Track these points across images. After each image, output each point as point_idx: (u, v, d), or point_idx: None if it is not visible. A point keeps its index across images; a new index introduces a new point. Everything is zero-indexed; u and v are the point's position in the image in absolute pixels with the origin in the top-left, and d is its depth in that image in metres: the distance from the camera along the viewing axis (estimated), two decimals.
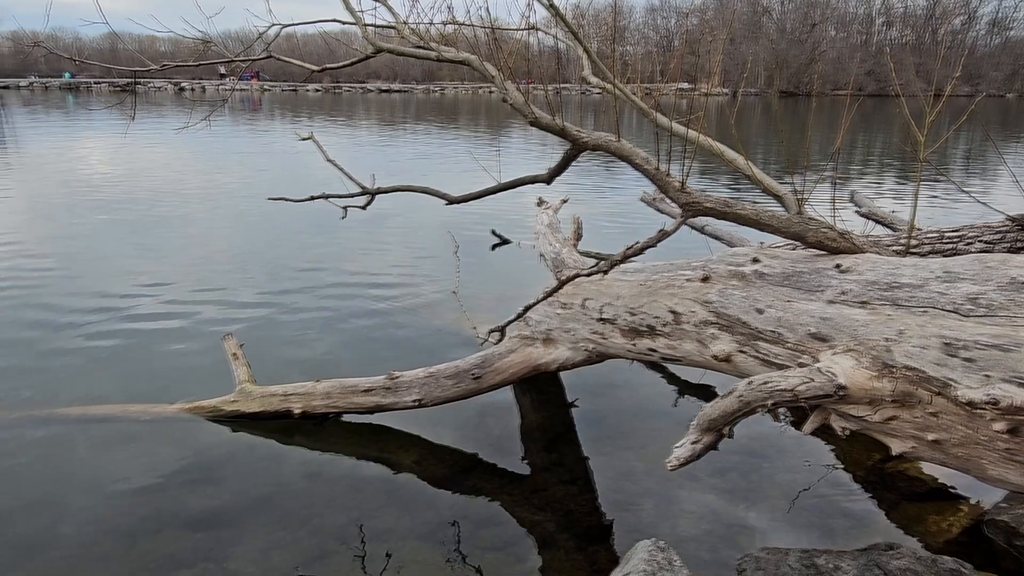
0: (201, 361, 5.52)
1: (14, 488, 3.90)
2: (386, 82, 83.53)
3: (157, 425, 4.51)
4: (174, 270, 8.06)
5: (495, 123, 36.72)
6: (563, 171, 3.19)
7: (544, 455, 4.40)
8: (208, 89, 62.08)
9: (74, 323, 6.30)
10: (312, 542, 3.50)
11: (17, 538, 3.48)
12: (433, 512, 3.76)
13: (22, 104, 49.10)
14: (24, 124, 33.06)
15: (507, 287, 7.46)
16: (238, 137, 24.73)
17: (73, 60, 3.91)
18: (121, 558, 3.35)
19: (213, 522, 3.63)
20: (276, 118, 36.91)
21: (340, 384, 4.37)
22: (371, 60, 3.42)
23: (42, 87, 69.76)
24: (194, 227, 10.71)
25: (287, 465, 4.16)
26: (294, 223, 10.31)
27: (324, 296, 7.17)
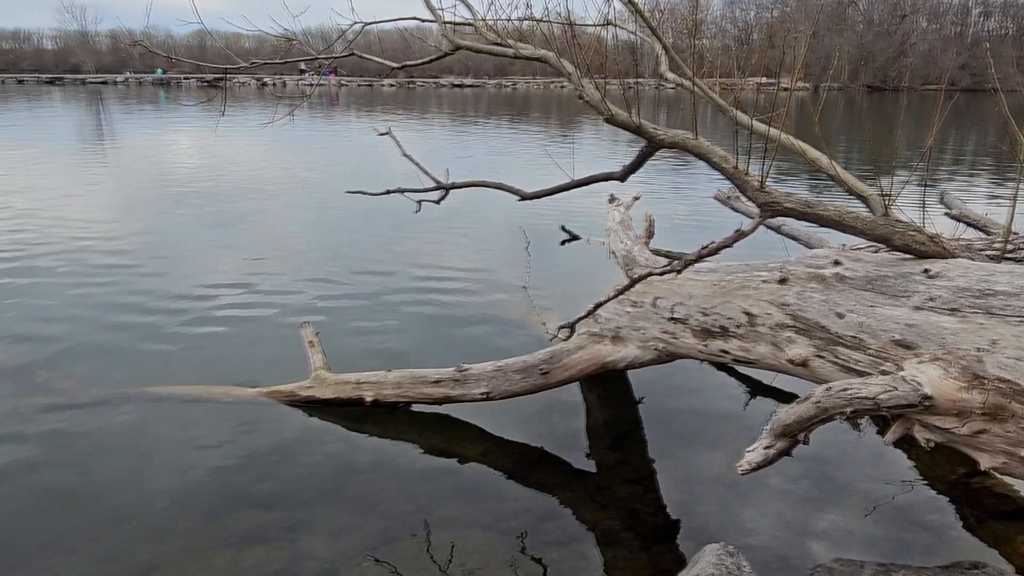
0: (279, 347, 5.74)
1: (105, 461, 4.16)
2: (459, 77, 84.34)
3: (238, 407, 4.72)
4: (255, 260, 8.39)
5: (566, 118, 36.59)
6: (638, 168, 3.16)
7: (609, 453, 4.39)
8: (289, 84, 64.09)
9: (161, 308, 6.65)
10: (380, 527, 3.60)
11: (105, 509, 3.70)
12: (498, 504, 3.80)
13: (118, 99, 52.00)
14: (119, 117, 35.02)
15: (575, 284, 7.45)
16: (317, 132, 25.49)
17: (169, 58, 4.14)
18: (201, 532, 3.53)
19: (287, 503, 3.78)
20: (352, 113, 37.85)
21: (411, 375, 4.47)
22: (446, 56, 3.48)
23: (136, 83, 73.66)
24: (274, 219, 11.12)
25: (358, 451, 4.29)
26: (370, 216, 10.55)
27: (396, 288, 7.33)
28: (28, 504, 3.73)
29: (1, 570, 3.24)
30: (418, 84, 79.47)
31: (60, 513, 3.67)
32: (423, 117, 35.70)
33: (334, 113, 37.31)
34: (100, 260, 8.26)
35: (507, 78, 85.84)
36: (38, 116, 34.88)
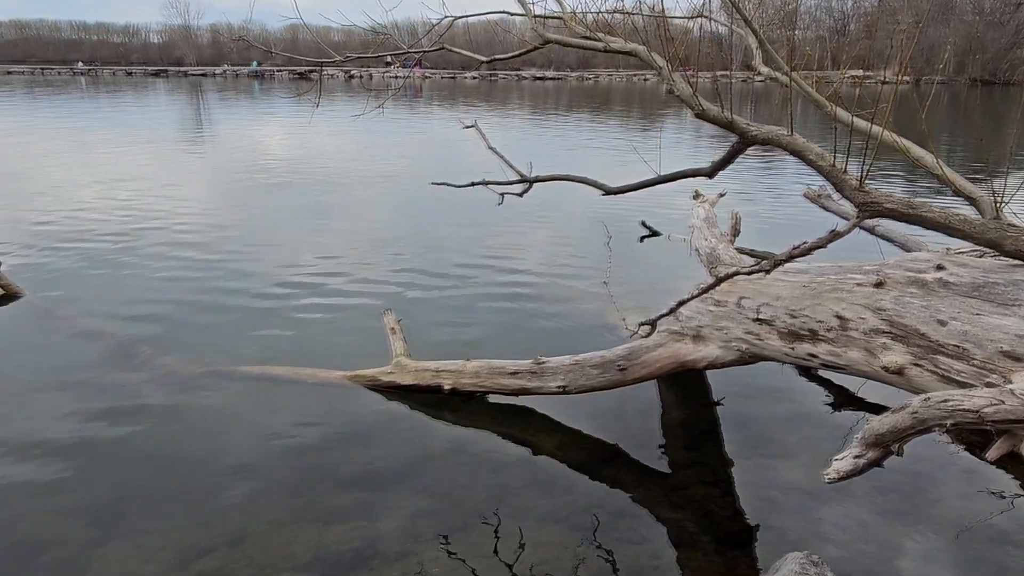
0: (362, 333, 5.92)
1: (200, 434, 4.41)
2: (541, 70, 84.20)
3: (323, 389, 4.90)
4: (341, 248, 8.67)
5: (648, 112, 36.01)
6: (727, 165, 3.09)
7: (685, 453, 4.32)
8: (375, 77, 65.64)
9: (253, 293, 6.97)
10: (454, 513, 3.67)
11: (200, 479, 3.92)
12: (571, 497, 3.81)
13: (216, 90, 54.57)
14: (217, 108, 36.79)
15: (655, 280, 7.35)
16: (402, 124, 26.01)
17: (269, 52, 4.32)
18: (287, 507, 3.69)
19: (366, 484, 3.91)
20: (435, 105, 38.42)
21: (488, 365, 4.53)
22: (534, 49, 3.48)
23: (233, 75, 77.06)
24: (360, 209, 11.46)
25: (435, 438, 4.38)
26: (453, 208, 10.71)
27: (476, 279, 7.43)
28: (132, 470, 4.00)
29: (109, 529, 3.49)
30: (500, 77, 79.83)
31: (159, 480, 3.91)
32: (504, 110, 35.88)
33: (418, 105, 37.98)
34: (197, 245, 8.73)
35: (589, 71, 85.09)
36: (144, 106, 37.07)
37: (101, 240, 8.84)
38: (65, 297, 6.70)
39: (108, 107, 35.94)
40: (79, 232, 9.25)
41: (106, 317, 6.20)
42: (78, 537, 3.43)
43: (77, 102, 39.15)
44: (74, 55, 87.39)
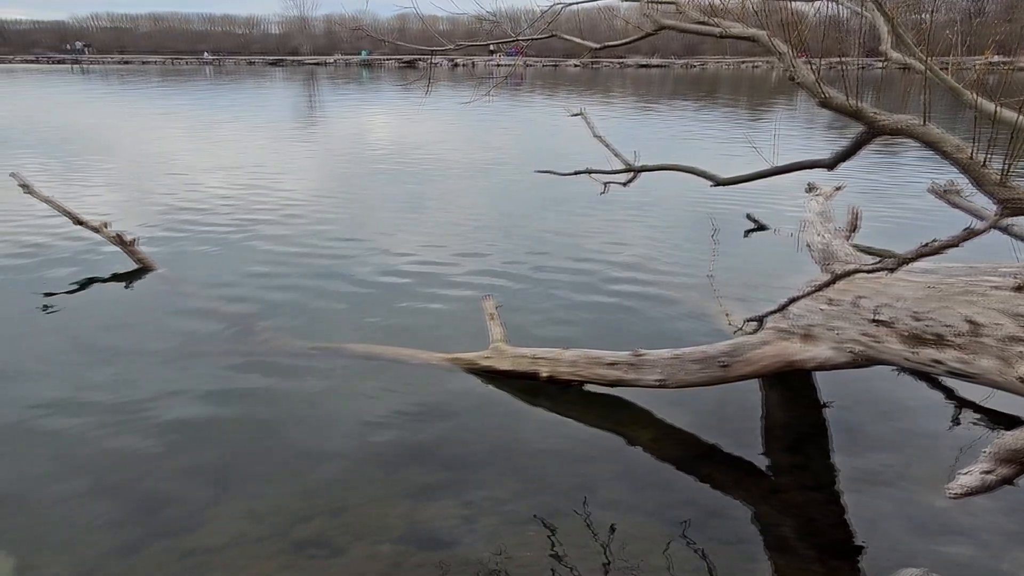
0: (461, 317, 6.03)
1: (306, 408, 4.62)
2: (645, 57, 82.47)
3: (423, 370, 5.04)
4: (443, 233, 8.86)
5: (756, 101, 34.62)
6: (851, 156, 2.92)
7: (787, 456, 4.16)
8: (478, 65, 66.44)
9: (357, 275, 7.24)
10: (544, 499, 3.69)
11: (304, 451, 4.11)
12: (664, 493, 3.75)
13: (328, 78, 56.83)
14: (328, 96, 38.31)
15: (759, 275, 7.08)
16: (504, 111, 26.18)
17: (383, 41, 4.44)
18: (383, 482, 3.82)
19: (460, 463, 3.99)
20: (537, 93, 38.43)
21: (586, 355, 4.51)
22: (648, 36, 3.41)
23: (344, 63, 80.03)
24: (463, 195, 11.65)
25: (529, 423, 4.41)
26: (555, 196, 10.71)
27: (576, 268, 7.40)
28: (243, 438, 4.26)
29: (221, 491, 3.73)
30: (603, 65, 78.85)
31: (267, 449, 4.14)
32: (607, 98, 35.43)
33: (520, 93, 38.10)
34: (306, 228, 9.15)
35: (696, 58, 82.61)
36: (262, 94, 39.11)
37: (221, 220, 9.43)
38: (189, 272, 7.20)
39: (230, 95, 38.17)
40: (202, 212, 9.91)
41: (225, 292, 6.61)
42: (195, 496, 3.69)
43: (202, 90, 41.81)
44: (201, 46, 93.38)
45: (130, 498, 3.66)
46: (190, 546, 3.31)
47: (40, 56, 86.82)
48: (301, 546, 3.32)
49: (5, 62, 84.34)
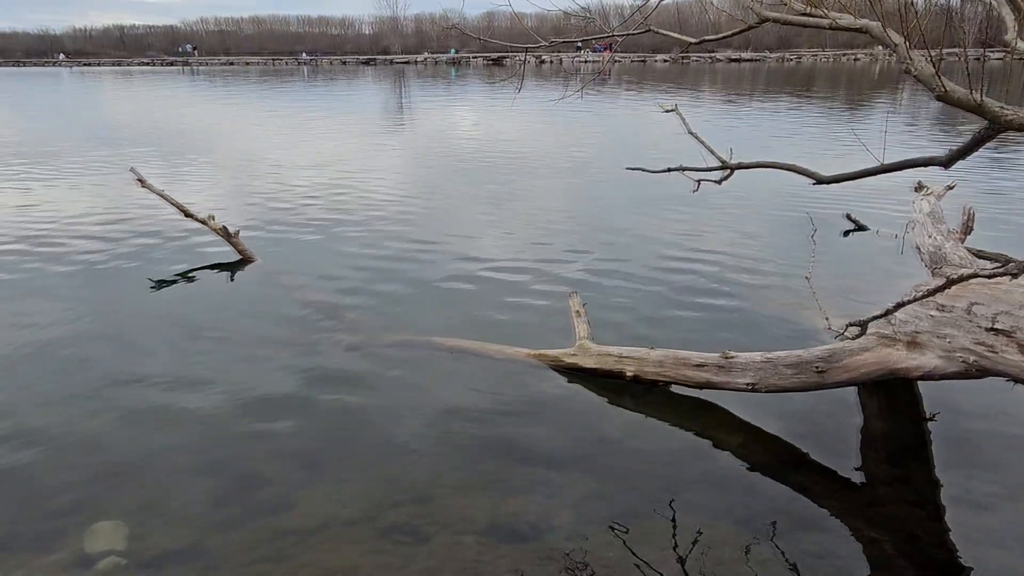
0: (543, 314, 6.05)
1: (393, 397, 4.73)
2: (736, 51, 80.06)
3: (507, 365, 5.08)
4: (529, 230, 8.90)
5: (856, 95, 33.00)
6: (969, 154, 2.73)
7: (886, 468, 3.96)
8: (564, 61, 66.27)
9: (442, 267, 7.37)
10: (627, 500, 3.65)
11: (390, 438, 4.22)
12: (752, 499, 3.64)
13: (416, 76, 58.07)
14: (417, 94, 39.14)
15: (858, 278, 6.75)
16: (592, 108, 25.98)
17: (477, 39, 4.47)
18: (468, 473, 3.87)
19: (542, 460, 4.00)
20: (624, 89, 37.95)
21: (673, 355, 4.43)
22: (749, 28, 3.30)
23: (432, 62, 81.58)
24: (550, 192, 11.67)
25: (613, 423, 4.38)
26: (644, 194, 10.57)
27: (663, 266, 7.27)
28: (334, 424, 4.41)
29: (313, 474, 3.88)
30: (692, 59, 77.11)
31: (356, 435, 4.27)
32: (696, 94, 34.62)
33: (607, 90, 37.75)
34: (394, 222, 9.40)
35: (791, 51, 79.57)
36: (354, 93, 40.37)
37: (313, 215, 9.81)
38: (285, 264, 7.53)
39: (324, 93, 39.60)
40: (295, 207, 10.34)
41: (317, 284, 6.88)
42: (287, 478, 3.85)
43: (298, 89, 43.56)
44: (299, 46, 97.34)
45: (229, 476, 3.86)
46: (283, 526, 3.46)
47: (154, 59, 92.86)
48: (387, 532, 3.41)
49: (123, 64, 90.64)
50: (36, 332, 5.74)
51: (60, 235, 8.75)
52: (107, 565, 3.21)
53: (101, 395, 4.72)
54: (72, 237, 8.66)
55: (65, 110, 31.34)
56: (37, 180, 12.81)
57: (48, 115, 28.63)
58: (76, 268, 7.46)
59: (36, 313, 6.15)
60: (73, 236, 8.71)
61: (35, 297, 6.59)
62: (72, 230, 9.00)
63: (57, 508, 3.58)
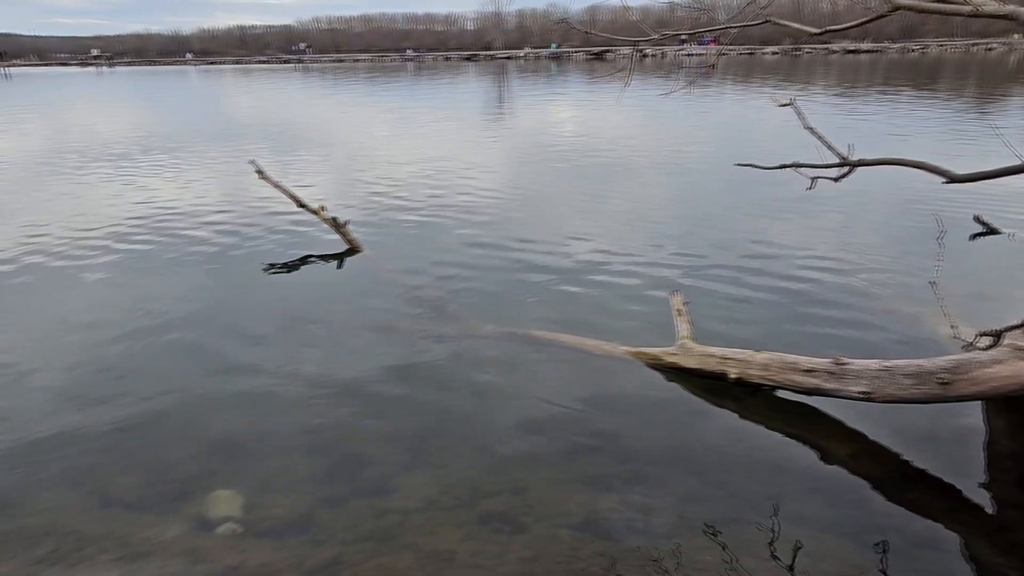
0: (643, 311, 5.96)
1: (492, 387, 4.81)
2: (854, 42, 75.73)
3: (604, 361, 5.05)
4: (629, 227, 8.80)
5: (987, 89, 30.49)
6: None
7: (1017, 491, 3.67)
8: (668, 55, 64.86)
9: (540, 261, 7.40)
10: (726, 505, 3.56)
11: (483, 428, 4.29)
12: (862, 514, 3.47)
13: (517, 71, 58.40)
14: (518, 89, 39.36)
15: (988, 285, 6.27)
16: (697, 102, 25.31)
17: (587, 32, 4.45)
18: (563, 467, 3.88)
19: (640, 458, 3.95)
20: (730, 83, 36.70)
21: (780, 359, 4.27)
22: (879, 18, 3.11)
23: (533, 57, 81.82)
24: (652, 189, 11.48)
25: (713, 425, 4.27)
26: (752, 191, 10.25)
27: (771, 266, 7.01)
28: (434, 410, 4.53)
29: (415, 459, 4.00)
30: (804, 51, 73.60)
31: (456, 423, 4.37)
32: (807, 88, 33.02)
33: (711, 84, 36.64)
34: (493, 218, 9.51)
35: (914, 41, 74.52)
36: (456, 88, 41.09)
37: (416, 208, 10.08)
38: (390, 255, 7.78)
39: (427, 89, 40.53)
40: (400, 198, 10.66)
41: (421, 274, 7.07)
42: (391, 460, 3.99)
43: (403, 85, 44.80)
44: (404, 43, 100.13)
45: (335, 456, 4.04)
46: (385, 506, 3.59)
47: (271, 57, 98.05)
48: (485, 520, 3.48)
49: (243, 62, 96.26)
50: (157, 315, 6.19)
51: (182, 223, 9.42)
52: (225, 530, 3.44)
53: (217, 375, 5.04)
54: (193, 225, 9.30)
55: (190, 106, 33.59)
56: (163, 171, 13.81)
57: (176, 111, 30.78)
58: (195, 254, 8.02)
59: (157, 296, 6.64)
60: (194, 224, 9.35)
61: (156, 281, 7.12)
62: (193, 219, 9.66)
63: (182, 475, 3.87)
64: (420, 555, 3.25)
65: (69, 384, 4.94)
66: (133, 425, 4.39)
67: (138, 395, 4.77)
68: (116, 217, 9.80)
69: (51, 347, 5.58)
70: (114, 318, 6.09)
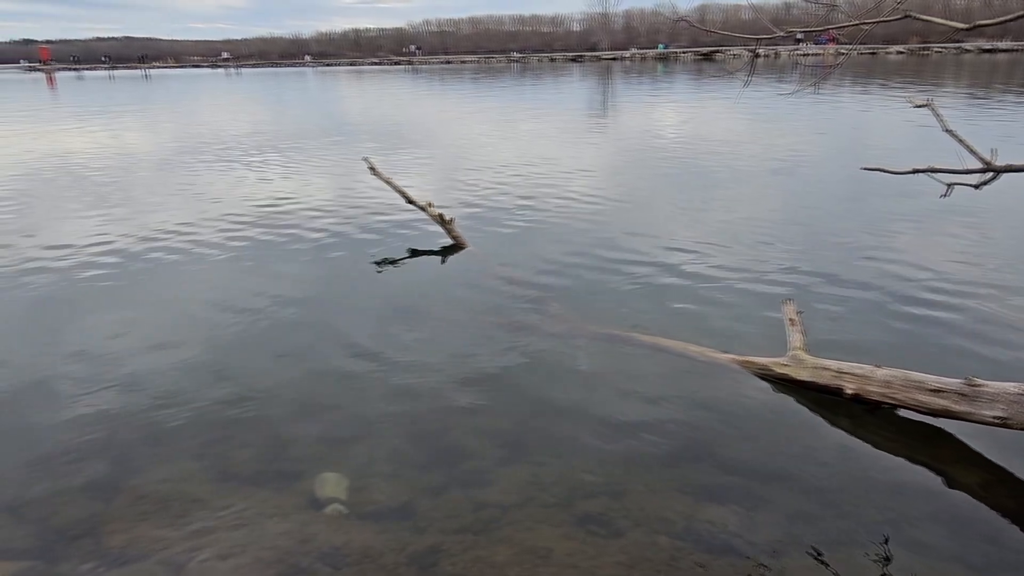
0: (750, 318, 5.75)
1: (587, 388, 4.76)
2: (990, 40, 70.08)
3: (709, 368, 4.91)
4: (739, 231, 8.50)
5: None
6: None
7: None
8: (781, 55, 62.35)
9: (643, 263, 7.28)
10: (837, 527, 3.38)
11: (582, 429, 4.24)
12: (994, 549, 3.21)
13: (622, 72, 57.81)
14: (622, 90, 38.94)
15: None
16: (814, 104, 24.16)
17: (706, 31, 4.35)
18: (662, 473, 3.79)
19: (746, 470, 3.81)
20: (849, 83, 34.79)
21: (903, 376, 4.00)
22: None
23: (640, 57, 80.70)
24: (764, 193, 11.06)
25: (826, 442, 4.06)
26: (877, 198, 9.70)
27: (891, 279, 6.57)
28: (533, 407, 4.54)
29: (512, 454, 4.02)
30: (933, 51, 68.81)
31: (555, 421, 4.36)
32: (937, 89, 30.83)
33: (828, 85, 34.89)
34: (596, 217, 9.45)
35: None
36: (560, 88, 41.12)
37: (520, 205, 10.16)
38: (494, 251, 7.88)
39: (531, 90, 40.77)
40: (503, 197, 10.77)
41: (524, 272, 7.12)
42: (490, 454, 4.03)
43: (508, 85, 45.28)
44: (510, 45, 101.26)
45: (436, 447, 4.12)
46: (483, 499, 3.63)
47: (382, 58, 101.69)
48: (582, 521, 3.46)
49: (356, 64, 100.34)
50: (273, 302, 6.52)
51: (296, 216, 9.89)
52: (332, 511, 3.59)
53: (326, 361, 5.26)
54: (307, 218, 9.76)
55: (307, 105, 35.30)
56: (281, 166, 14.58)
57: (294, 109, 32.44)
58: (309, 245, 8.42)
59: (272, 284, 7.00)
60: (307, 217, 9.81)
61: (272, 270, 7.50)
62: (307, 212, 10.14)
63: (293, 455, 4.07)
64: (517, 550, 3.27)
65: (191, 360, 5.31)
66: (249, 403, 4.66)
67: (253, 374, 5.06)
68: (237, 209, 10.44)
69: (178, 325, 6.02)
70: (233, 303, 6.49)
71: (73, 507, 3.64)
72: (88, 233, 9.08)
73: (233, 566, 3.21)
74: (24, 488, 3.81)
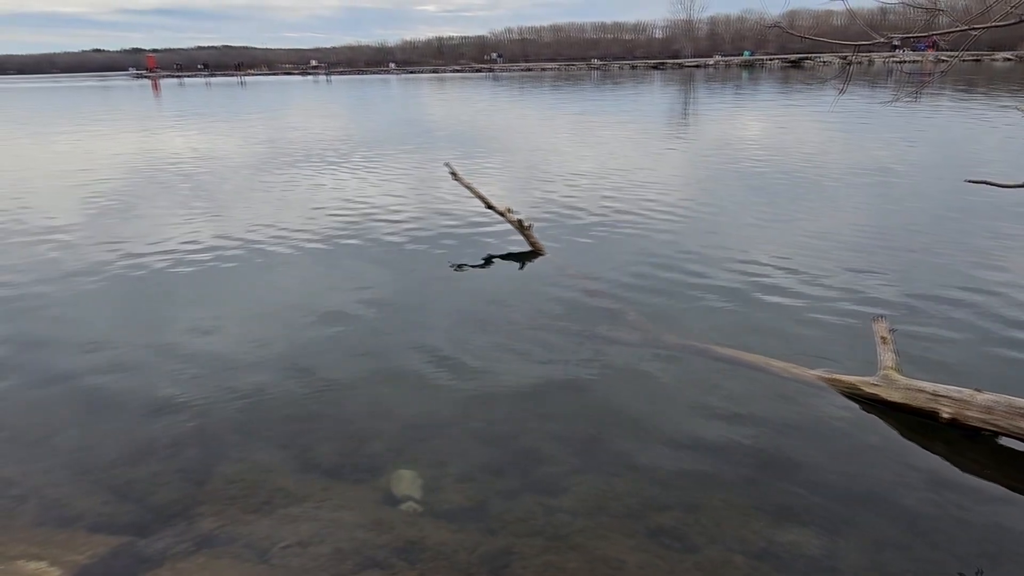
0: (837, 335, 5.53)
1: (662, 400, 4.69)
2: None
3: (792, 384, 4.74)
4: (824, 242, 8.19)
5: None
6: None
7: None
8: (875, 63, 59.72)
9: (722, 273, 7.11)
10: (928, 557, 3.22)
11: (656, 440, 4.19)
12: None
13: (705, 80, 56.73)
14: (704, 97, 38.19)
15: None
16: (909, 113, 23.04)
17: (801, 37, 4.23)
18: (740, 491, 3.68)
19: (831, 493, 3.66)
20: (949, 92, 32.96)
21: (1008, 402, 3.76)
22: None
23: (724, 65, 78.99)
24: (853, 202, 10.64)
25: (918, 468, 3.86)
26: (978, 215, 9.20)
27: (994, 299, 6.20)
28: (607, 415, 4.50)
29: (586, 462, 3.99)
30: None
31: (628, 430, 4.31)
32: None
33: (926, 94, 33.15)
34: (674, 224, 9.33)
35: None
36: (639, 96, 40.69)
37: (598, 213, 10.11)
38: (572, 258, 7.87)
39: (610, 97, 40.51)
40: (581, 205, 10.74)
41: (601, 280, 7.08)
42: (563, 460, 4.02)
43: (587, 93, 45.16)
44: (591, 52, 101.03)
45: (511, 450, 4.15)
46: (556, 505, 3.63)
47: (464, 66, 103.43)
48: (655, 533, 3.41)
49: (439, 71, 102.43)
50: (355, 302, 6.71)
51: (378, 220, 10.15)
52: (407, 508, 3.66)
53: (404, 363, 5.36)
54: (387, 221, 10.00)
55: (391, 111, 36.23)
56: (364, 171, 14.98)
57: (379, 115, 33.35)
58: (389, 248, 8.64)
59: (353, 286, 7.20)
60: (388, 220, 10.06)
61: (353, 273, 7.71)
62: (388, 216, 10.39)
63: (371, 451, 4.18)
64: (589, 558, 3.25)
65: (276, 356, 5.53)
66: (330, 399, 4.82)
67: (334, 372, 5.23)
68: (322, 212, 10.80)
69: (265, 322, 6.28)
70: (316, 303, 6.71)
71: (169, 489, 3.86)
72: (185, 232, 9.62)
73: (314, 554, 3.32)
74: (128, 469, 4.06)
